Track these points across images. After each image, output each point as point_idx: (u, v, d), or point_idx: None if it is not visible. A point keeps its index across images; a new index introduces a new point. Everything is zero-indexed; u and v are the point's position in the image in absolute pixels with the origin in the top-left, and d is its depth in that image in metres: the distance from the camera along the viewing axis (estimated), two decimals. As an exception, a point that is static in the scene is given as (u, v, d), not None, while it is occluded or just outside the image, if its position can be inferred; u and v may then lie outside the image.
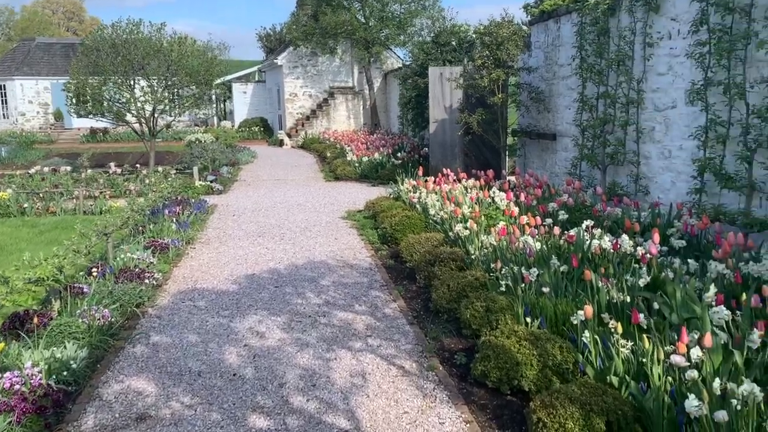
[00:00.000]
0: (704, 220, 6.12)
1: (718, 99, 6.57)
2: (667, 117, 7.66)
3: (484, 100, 11.35)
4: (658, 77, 7.81)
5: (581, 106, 9.39)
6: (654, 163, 7.96)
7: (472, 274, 5.64)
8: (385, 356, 4.74)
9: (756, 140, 6.00)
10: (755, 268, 4.87)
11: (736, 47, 6.22)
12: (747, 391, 2.93)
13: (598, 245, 5.47)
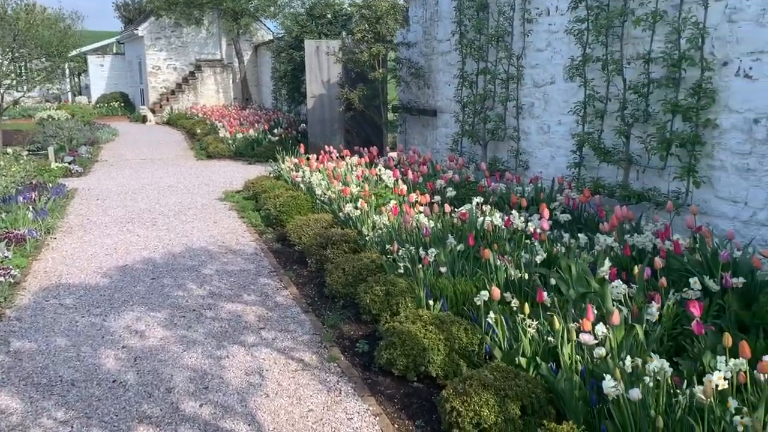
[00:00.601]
0: (586, 194, 6.29)
1: (597, 75, 6.75)
2: (546, 93, 7.81)
3: (364, 75, 11.13)
4: (537, 53, 7.94)
5: (461, 82, 9.41)
6: (533, 139, 8.12)
7: (368, 257, 5.44)
8: (282, 350, 4.45)
9: (633, 115, 6.21)
10: (639, 239, 5.03)
11: (613, 24, 6.38)
12: (657, 368, 2.94)
13: (490, 222, 5.45)
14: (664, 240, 4.96)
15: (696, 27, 5.43)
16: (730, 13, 5.26)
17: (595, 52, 6.73)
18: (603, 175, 6.78)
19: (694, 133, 5.53)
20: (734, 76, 5.26)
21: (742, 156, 5.22)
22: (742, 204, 5.27)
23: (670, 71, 5.75)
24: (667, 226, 5.17)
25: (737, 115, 5.25)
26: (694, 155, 5.57)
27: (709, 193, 5.56)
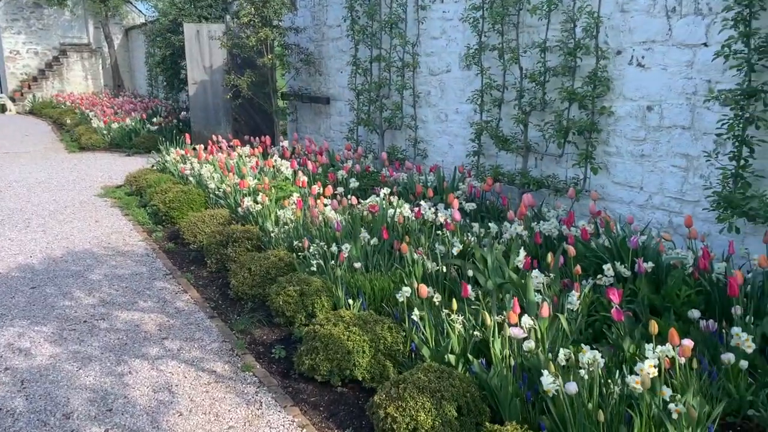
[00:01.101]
0: (488, 182, 6.35)
1: (493, 63, 6.80)
2: (442, 81, 7.81)
3: (252, 61, 10.69)
4: (432, 41, 7.91)
5: (355, 69, 9.24)
6: (431, 127, 8.11)
7: (275, 255, 5.18)
8: (190, 361, 4.12)
9: (530, 103, 6.31)
10: (546, 226, 5.12)
11: (509, 12, 6.44)
12: (591, 359, 2.94)
13: (400, 214, 5.35)
14: (569, 226, 5.08)
15: (591, 16, 5.57)
16: (622, 3, 5.43)
17: (491, 40, 6.78)
18: (502, 163, 6.87)
19: (590, 120, 5.69)
20: (628, 64, 5.44)
21: (637, 142, 5.43)
22: (637, 189, 5.48)
23: (566, 60, 5.88)
24: (571, 213, 5.29)
25: (632, 103, 5.44)
26: (591, 142, 5.74)
27: (606, 179, 5.75)
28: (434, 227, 5.37)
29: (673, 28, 5.04)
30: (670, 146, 5.17)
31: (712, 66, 4.77)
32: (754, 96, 4.37)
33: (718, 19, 4.70)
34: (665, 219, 5.28)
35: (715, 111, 4.79)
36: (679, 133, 5.08)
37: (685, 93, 5.00)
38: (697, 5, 4.85)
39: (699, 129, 4.93)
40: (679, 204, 5.15)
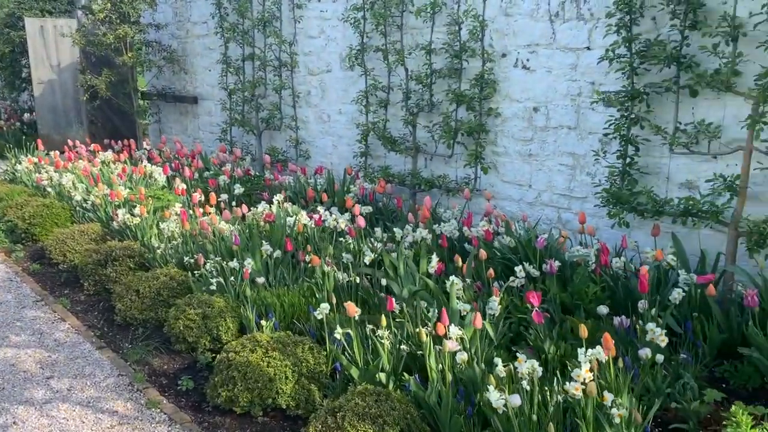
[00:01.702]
0: (381, 184, 6.30)
1: (378, 64, 6.74)
2: (323, 81, 7.64)
3: (109, 59, 9.90)
4: (310, 40, 7.71)
5: (226, 68, 8.82)
6: (313, 128, 7.92)
7: (165, 273, 4.79)
8: (85, 402, 3.69)
9: (417, 105, 6.32)
10: (446, 228, 5.14)
11: (392, 14, 6.40)
12: (529, 369, 2.95)
13: (299, 222, 5.15)
14: (469, 227, 5.13)
15: (476, 19, 5.65)
16: (506, 7, 5.55)
17: (375, 41, 6.71)
18: (390, 164, 6.84)
19: (478, 121, 5.79)
20: (513, 67, 5.59)
21: (525, 142, 5.59)
22: (527, 187, 5.66)
23: (452, 62, 5.94)
24: (470, 213, 5.35)
25: (518, 104, 5.59)
26: (479, 143, 5.84)
27: (495, 178, 5.88)
28: (335, 234, 5.22)
29: (557, 32, 5.23)
30: (557, 146, 5.37)
31: (596, 69, 5.00)
32: (637, 98, 4.62)
33: (600, 24, 4.93)
34: (554, 215, 5.49)
35: (599, 112, 5.03)
36: (566, 133, 5.29)
37: (569, 95, 5.21)
38: (579, 10, 5.05)
39: (584, 129, 5.16)
40: (568, 200, 5.37)
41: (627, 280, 4.18)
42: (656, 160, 4.74)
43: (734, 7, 4.09)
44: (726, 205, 4.23)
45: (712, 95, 4.34)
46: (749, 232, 4.09)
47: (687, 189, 4.60)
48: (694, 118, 4.45)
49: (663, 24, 4.55)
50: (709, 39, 4.19)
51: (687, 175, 4.59)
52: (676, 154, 4.55)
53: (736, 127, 4.24)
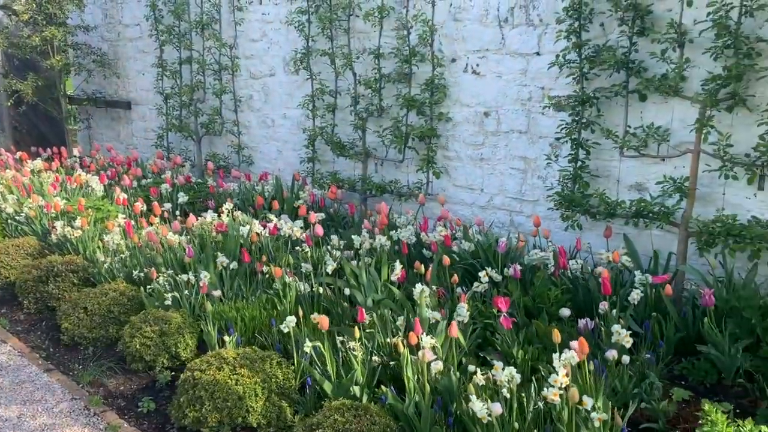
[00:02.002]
0: (333, 190, 6.22)
1: (325, 68, 6.66)
2: (266, 85, 7.49)
3: (34, 62, 9.43)
4: (251, 44, 7.55)
5: (161, 72, 8.55)
6: (256, 133, 7.76)
7: (114, 289, 4.57)
8: (39, 430, 3.47)
9: (367, 109, 6.27)
10: (404, 234, 5.11)
11: (339, 17, 6.33)
12: (509, 376, 2.96)
13: (253, 232, 5.02)
14: (426, 232, 5.13)
15: (426, 24, 5.66)
16: (455, 12, 5.58)
17: (321, 44, 6.63)
18: (339, 169, 6.77)
19: (429, 126, 5.80)
20: (463, 72, 5.62)
21: (476, 147, 5.64)
22: (479, 191, 5.71)
23: (402, 67, 5.93)
24: (425, 219, 5.35)
25: (468, 109, 5.63)
26: (431, 147, 5.85)
27: (447, 182, 5.91)
28: (290, 243, 5.12)
29: (506, 37, 5.29)
30: (508, 150, 5.44)
31: (546, 74, 5.08)
32: (587, 102, 4.73)
33: (549, 30, 5.01)
34: (506, 218, 5.56)
35: (549, 116, 5.12)
36: (517, 137, 5.36)
37: (520, 99, 5.28)
38: (528, 16, 5.13)
39: (535, 133, 5.24)
40: (520, 204, 5.45)
41: (586, 282, 4.27)
42: (606, 163, 4.86)
43: (680, 14, 4.23)
44: (676, 206, 4.38)
45: (660, 99, 4.49)
46: (699, 232, 4.24)
47: (636, 191, 4.74)
48: (643, 121, 4.59)
49: (611, 30, 4.67)
50: (657, 45, 4.33)
51: (636, 177, 4.72)
52: (626, 157, 4.68)
53: (684, 130, 4.40)
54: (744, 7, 3.95)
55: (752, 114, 4.07)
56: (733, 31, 3.97)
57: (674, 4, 4.30)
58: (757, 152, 4.00)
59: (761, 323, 3.71)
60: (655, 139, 4.47)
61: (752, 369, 3.66)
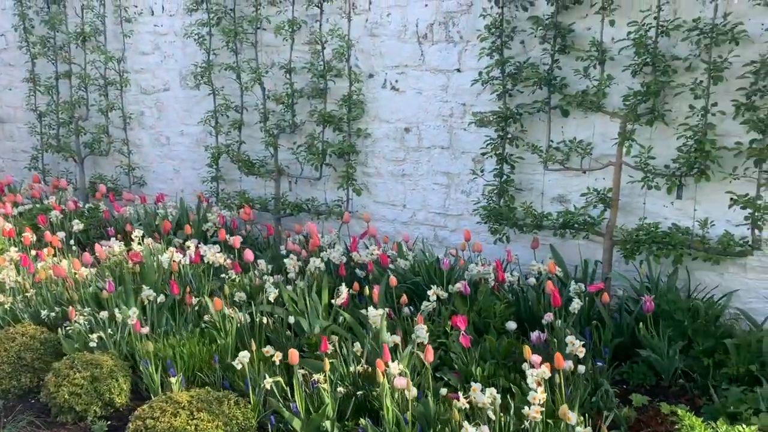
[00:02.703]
0: (247, 211, 5.96)
1: (229, 83, 6.37)
2: (159, 100, 7.05)
3: None
4: (142, 57, 7.08)
5: (34, 87, 7.81)
6: (148, 151, 7.28)
7: (23, 333, 4.05)
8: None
9: (278, 126, 6.07)
10: (335, 254, 4.95)
11: (245, 31, 6.08)
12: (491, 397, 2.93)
13: (173, 260, 4.66)
14: (357, 251, 5.01)
15: (342, 39, 5.57)
16: (371, 27, 5.54)
17: (224, 58, 6.33)
18: (248, 188, 6.49)
19: (349, 143, 5.70)
20: (381, 88, 5.58)
21: (397, 163, 5.62)
22: (401, 207, 5.68)
23: (317, 82, 5.80)
24: (354, 238, 5.24)
25: (389, 125, 5.60)
26: (350, 164, 5.75)
27: (367, 199, 5.83)
28: (211, 270, 4.81)
29: (426, 53, 5.32)
30: (430, 165, 5.46)
31: (467, 90, 5.16)
32: (511, 118, 4.85)
33: (469, 47, 5.10)
34: (430, 234, 5.57)
35: (472, 132, 5.20)
36: (439, 152, 5.40)
37: (441, 115, 5.33)
38: (448, 33, 5.19)
39: (458, 149, 5.30)
40: (444, 218, 5.49)
41: (525, 294, 4.35)
42: (530, 177, 5.00)
43: (600, 33, 4.45)
44: (601, 216, 4.59)
45: (581, 114, 4.69)
46: (624, 241, 4.47)
47: (559, 203, 4.92)
48: (565, 136, 4.77)
49: (532, 47, 4.82)
50: (579, 62, 4.53)
51: (559, 189, 4.90)
52: (550, 170, 4.84)
53: (605, 143, 4.62)
54: (660, 27, 4.22)
55: (669, 128, 4.34)
56: (651, 50, 4.23)
57: (593, 23, 4.51)
58: (676, 163, 4.28)
59: (692, 325, 3.96)
60: (578, 152, 4.66)
61: (686, 369, 3.89)
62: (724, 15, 4.04)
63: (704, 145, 4.10)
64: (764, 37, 4.01)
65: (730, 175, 4.12)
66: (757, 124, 3.96)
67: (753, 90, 3.98)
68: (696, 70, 4.19)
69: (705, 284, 4.38)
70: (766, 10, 3.98)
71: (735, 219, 4.24)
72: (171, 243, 5.30)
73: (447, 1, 5.15)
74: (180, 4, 6.65)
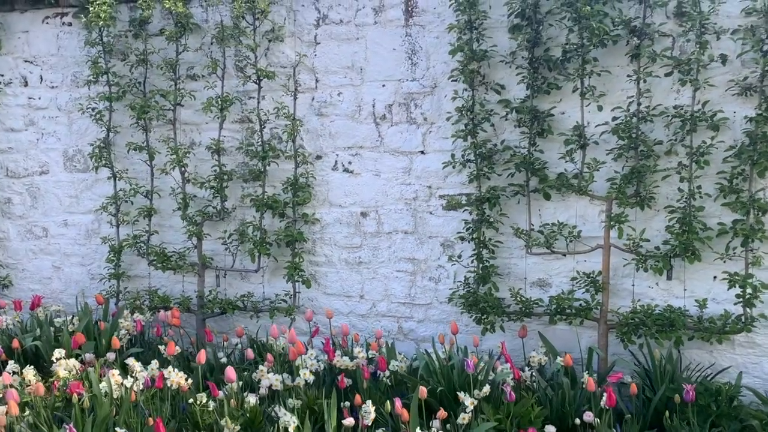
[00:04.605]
0: (175, 314, 5.07)
1: (132, 165, 5.51)
2: (34, 185, 5.89)
3: None
4: (11, 134, 5.91)
5: None
6: (17, 246, 6.01)
7: None
8: None
9: (204, 212, 5.32)
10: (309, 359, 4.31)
11: (163, 107, 5.32)
12: None
13: (131, 389, 3.72)
14: (333, 357, 4.41)
15: (288, 117, 5.06)
16: (318, 106, 5.12)
17: (126, 137, 5.47)
18: (158, 285, 5.57)
19: (297, 230, 5.12)
20: (332, 170, 5.14)
21: (352, 249, 5.15)
22: (357, 298, 5.19)
23: (252, 163, 5.20)
24: (327, 339, 4.63)
25: (341, 209, 5.14)
26: (297, 253, 5.16)
27: (316, 291, 5.26)
28: (169, 395, 3.93)
29: (385, 135, 5.00)
30: (392, 251, 5.07)
31: (433, 173, 4.91)
32: (488, 201, 4.66)
33: (434, 128, 4.89)
34: (394, 326, 5.14)
35: (439, 215, 4.93)
36: (402, 237, 5.04)
37: (404, 198, 5.00)
38: (409, 114, 4.94)
39: (424, 233, 4.99)
40: (409, 309, 5.09)
41: (545, 391, 4.08)
42: (506, 261, 4.81)
43: (582, 117, 4.46)
44: (593, 300, 4.49)
45: (558, 197, 4.63)
46: (620, 324, 4.40)
47: (539, 287, 4.77)
48: (542, 218, 4.67)
49: (502, 130, 4.72)
50: (556, 145, 4.49)
51: (540, 273, 4.76)
52: (532, 254, 4.68)
53: (585, 226, 4.58)
54: (640, 113, 4.32)
55: (652, 209, 4.42)
56: (633, 135, 4.31)
57: (568, 107, 4.52)
58: (667, 245, 4.34)
59: (717, 410, 3.91)
60: (564, 235, 4.57)
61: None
62: (701, 103, 4.23)
63: (693, 228, 4.20)
64: (737, 123, 4.25)
65: (724, 255, 4.25)
66: (741, 206, 4.14)
67: (734, 173, 4.18)
68: (677, 154, 4.33)
69: (694, 362, 4.42)
70: (737, 98, 4.24)
71: (720, 297, 4.37)
72: (83, 361, 4.28)
73: (408, 83, 4.92)
74: (66, 75, 5.70)
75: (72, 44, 5.66)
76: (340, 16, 5.03)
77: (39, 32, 5.75)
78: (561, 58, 4.44)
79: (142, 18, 5.31)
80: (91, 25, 5.31)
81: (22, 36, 5.80)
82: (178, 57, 5.27)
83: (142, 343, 5.17)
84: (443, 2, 4.76)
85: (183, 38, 5.25)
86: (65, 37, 5.69)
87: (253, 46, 5.03)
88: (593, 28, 4.22)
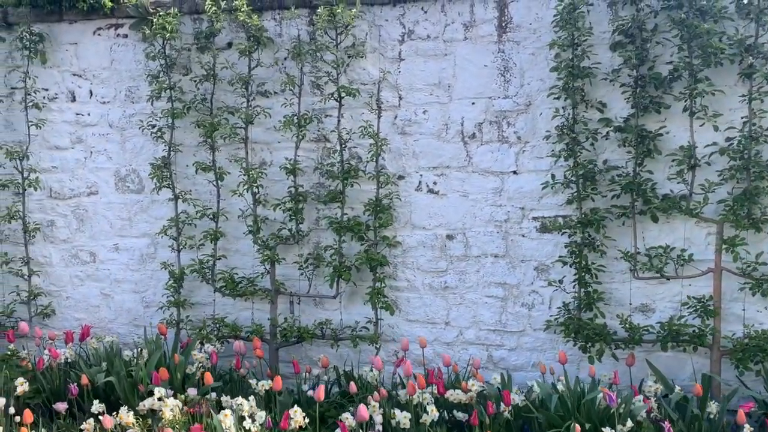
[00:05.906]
0: (256, 344, 4.76)
1: (194, 185, 5.21)
2: (80, 207, 5.51)
3: None
4: (55, 152, 5.53)
5: None
6: (60, 272, 5.60)
7: None
8: None
9: (277, 236, 5.03)
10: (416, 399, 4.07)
11: (236, 125, 5.01)
12: None
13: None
14: (444, 391, 4.16)
15: (372, 137, 4.82)
16: (402, 125, 4.90)
17: (188, 156, 5.17)
18: (224, 313, 5.24)
19: (379, 253, 4.87)
20: (415, 190, 4.91)
21: (437, 274, 4.92)
22: (442, 325, 4.96)
23: (329, 184, 4.95)
24: (431, 371, 4.38)
25: (424, 232, 4.92)
26: (379, 278, 4.91)
27: (397, 318, 5.01)
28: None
29: (474, 154, 4.80)
30: (480, 276, 4.86)
31: (526, 194, 4.73)
32: (591, 224, 4.49)
33: (528, 147, 4.71)
34: (483, 354, 4.91)
35: (533, 238, 4.75)
36: (492, 261, 4.83)
37: (494, 220, 4.80)
38: (501, 133, 4.75)
39: (516, 257, 4.79)
40: (500, 336, 4.87)
41: (688, 423, 3.88)
42: (607, 285, 4.63)
43: (691, 137, 4.33)
44: (705, 325, 4.34)
45: (663, 219, 4.48)
46: (733, 350, 4.26)
47: (641, 312, 4.61)
48: (645, 242, 4.52)
49: (603, 150, 4.57)
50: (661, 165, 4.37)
51: (642, 299, 4.60)
52: (639, 279, 4.52)
53: (691, 249, 4.44)
54: (756, 133, 4.21)
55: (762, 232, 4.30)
56: (747, 156, 4.20)
57: (672, 127, 4.39)
58: (784, 268, 4.23)
59: None
60: (673, 259, 4.42)
61: None
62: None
63: (813, 249, 4.11)
64: None
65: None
66: None
67: None
68: (791, 173, 4.23)
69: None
70: None
71: (833, 320, 4.28)
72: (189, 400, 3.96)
73: (500, 100, 4.73)
74: (120, 89, 5.37)
75: (127, 57, 5.33)
76: (427, 31, 4.82)
77: (89, 44, 5.40)
78: (668, 77, 4.31)
79: (210, 31, 5.02)
80: (155, 37, 5.00)
81: (70, 48, 5.45)
82: (251, 72, 4.99)
83: (214, 375, 4.83)
84: (539, 18, 4.61)
85: (256, 53, 4.96)
86: (120, 50, 5.35)
87: (337, 62, 4.78)
88: (706, 47, 4.10)
